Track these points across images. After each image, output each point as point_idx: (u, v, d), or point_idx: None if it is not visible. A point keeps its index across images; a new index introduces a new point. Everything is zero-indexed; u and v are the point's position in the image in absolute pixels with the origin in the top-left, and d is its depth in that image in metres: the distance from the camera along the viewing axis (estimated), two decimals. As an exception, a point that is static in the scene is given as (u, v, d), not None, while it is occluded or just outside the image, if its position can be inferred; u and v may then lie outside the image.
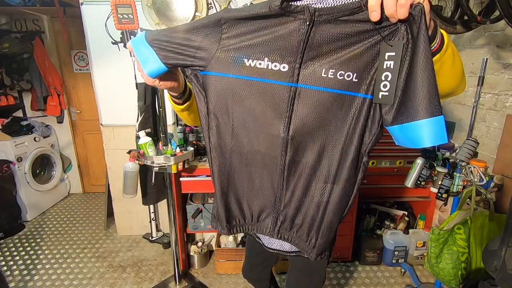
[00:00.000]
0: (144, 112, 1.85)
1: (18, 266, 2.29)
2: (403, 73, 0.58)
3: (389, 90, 0.60)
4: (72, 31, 3.05)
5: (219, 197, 0.84)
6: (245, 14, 0.64)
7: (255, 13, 0.63)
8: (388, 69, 0.59)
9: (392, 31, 0.59)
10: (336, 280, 2.12)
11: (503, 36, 1.72)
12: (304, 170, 0.76)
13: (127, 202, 2.54)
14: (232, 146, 0.77)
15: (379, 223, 2.35)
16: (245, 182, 0.82)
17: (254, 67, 0.68)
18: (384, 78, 0.60)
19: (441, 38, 0.60)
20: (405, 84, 0.59)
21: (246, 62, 0.68)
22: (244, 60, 0.68)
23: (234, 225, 0.88)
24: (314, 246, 0.84)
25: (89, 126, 3.37)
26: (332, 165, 0.74)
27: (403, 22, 0.56)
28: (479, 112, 1.87)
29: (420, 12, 0.53)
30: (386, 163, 2.19)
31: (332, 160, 0.74)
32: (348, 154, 0.72)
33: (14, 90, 3.13)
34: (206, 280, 2.13)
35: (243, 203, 0.85)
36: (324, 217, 0.79)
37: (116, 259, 2.38)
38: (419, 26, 0.54)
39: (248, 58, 0.67)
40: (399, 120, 0.61)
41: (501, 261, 1.10)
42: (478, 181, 1.47)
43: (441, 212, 2.22)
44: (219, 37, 0.68)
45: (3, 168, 2.66)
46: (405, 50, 0.57)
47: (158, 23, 2.05)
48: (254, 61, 0.67)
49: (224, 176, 0.82)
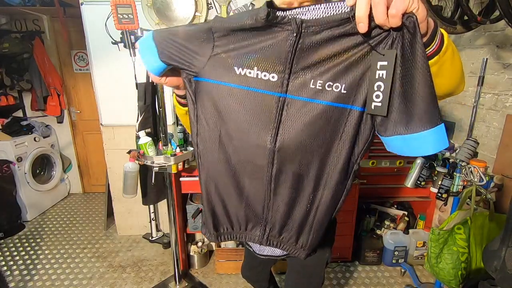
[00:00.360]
0: (144, 112, 1.85)
1: (18, 266, 2.29)
2: (396, 83, 0.57)
3: (382, 100, 0.58)
4: (72, 31, 3.05)
5: (206, 204, 0.83)
6: (234, 25, 0.64)
7: (242, 24, 0.63)
8: (380, 79, 0.58)
9: (383, 39, 0.57)
10: (336, 280, 2.12)
11: (503, 36, 1.72)
12: (292, 181, 0.74)
13: (127, 202, 2.54)
14: (219, 154, 0.76)
15: (379, 223, 2.35)
16: (232, 191, 0.80)
17: (244, 76, 0.67)
18: (377, 88, 0.59)
19: (440, 38, 0.59)
20: (402, 94, 0.57)
21: (236, 70, 0.67)
22: (235, 68, 0.67)
23: (221, 232, 0.86)
24: (304, 248, 0.84)
25: (89, 126, 3.37)
26: (321, 175, 0.73)
27: (395, 30, 0.55)
28: (479, 112, 1.87)
29: (413, 24, 0.52)
30: (386, 163, 2.19)
31: (321, 171, 0.73)
32: (337, 165, 0.71)
33: (14, 90, 3.13)
34: (206, 280, 2.13)
35: (230, 211, 0.83)
36: (314, 223, 0.79)
37: (116, 259, 2.38)
38: (414, 35, 0.53)
39: (238, 66, 0.67)
40: (399, 131, 0.60)
41: (501, 261, 1.10)
42: (478, 181, 1.47)
43: (441, 212, 2.22)
44: (212, 45, 0.68)
45: (3, 168, 2.66)
46: (399, 59, 0.56)
47: (158, 23, 2.05)
48: (245, 69, 0.67)
49: (211, 183, 0.81)
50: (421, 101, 0.56)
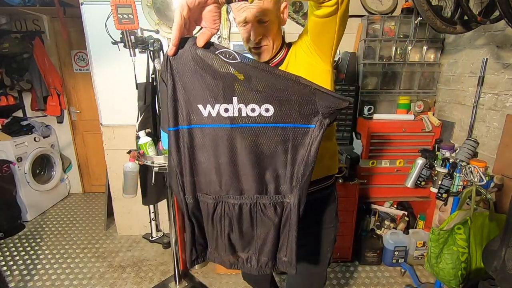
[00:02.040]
0: (144, 112, 1.85)
1: (18, 266, 2.29)
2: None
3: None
4: (72, 31, 3.06)
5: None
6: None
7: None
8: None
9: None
10: (336, 280, 2.12)
11: (503, 36, 1.72)
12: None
13: (127, 202, 2.54)
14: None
15: (379, 223, 2.35)
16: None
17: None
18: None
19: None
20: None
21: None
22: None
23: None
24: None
25: (89, 126, 3.37)
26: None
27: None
28: (479, 112, 1.87)
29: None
30: (386, 163, 2.19)
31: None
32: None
33: (14, 90, 3.13)
34: (206, 280, 2.13)
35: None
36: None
37: (116, 259, 2.38)
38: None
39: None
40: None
41: (501, 261, 1.10)
42: (478, 181, 1.47)
43: (441, 212, 2.22)
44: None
45: (3, 168, 2.66)
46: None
47: (158, 23, 2.05)
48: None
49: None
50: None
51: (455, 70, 2.10)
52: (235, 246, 0.78)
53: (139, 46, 1.58)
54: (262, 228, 0.75)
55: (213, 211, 0.74)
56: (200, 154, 0.71)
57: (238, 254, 0.80)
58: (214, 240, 0.79)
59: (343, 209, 2.08)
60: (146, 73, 1.82)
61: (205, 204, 0.75)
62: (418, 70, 2.23)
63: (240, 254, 0.80)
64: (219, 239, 0.77)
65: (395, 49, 2.18)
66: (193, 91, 0.67)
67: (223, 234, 0.76)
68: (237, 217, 0.74)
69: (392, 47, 2.18)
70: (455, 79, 2.11)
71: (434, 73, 2.24)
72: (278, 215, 0.75)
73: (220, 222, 0.75)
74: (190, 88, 0.67)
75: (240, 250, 0.79)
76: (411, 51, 2.19)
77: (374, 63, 2.20)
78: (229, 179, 0.72)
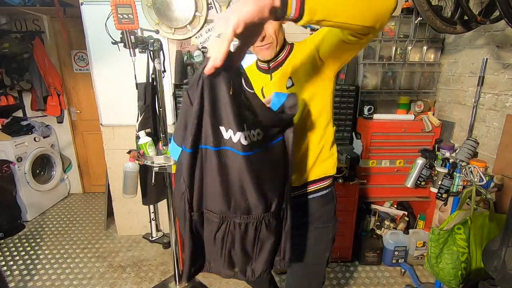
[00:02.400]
0: (144, 112, 1.85)
1: (18, 266, 2.29)
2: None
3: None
4: (72, 31, 3.06)
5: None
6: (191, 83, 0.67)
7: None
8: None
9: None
10: (336, 280, 2.12)
11: (503, 36, 1.72)
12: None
13: (127, 202, 2.54)
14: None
15: (379, 223, 2.36)
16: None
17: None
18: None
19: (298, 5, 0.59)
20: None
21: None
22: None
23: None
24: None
25: (89, 126, 3.37)
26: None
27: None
28: (479, 112, 1.87)
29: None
30: (386, 163, 2.19)
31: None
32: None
33: (14, 90, 3.13)
34: (206, 280, 2.13)
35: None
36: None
37: (116, 259, 2.38)
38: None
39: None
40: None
41: (501, 261, 1.10)
42: (478, 181, 1.47)
43: (441, 212, 2.22)
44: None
45: (3, 168, 2.66)
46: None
47: (158, 23, 2.06)
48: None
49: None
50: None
51: (455, 70, 2.10)
52: (234, 262, 0.78)
53: (139, 46, 1.58)
54: (264, 241, 0.76)
55: (217, 229, 0.74)
56: (212, 175, 0.69)
57: (236, 271, 0.80)
58: (213, 255, 0.79)
59: (343, 209, 2.09)
60: (146, 73, 1.82)
61: (210, 222, 0.74)
62: (418, 70, 2.23)
63: (238, 269, 0.80)
64: (220, 255, 0.77)
65: (395, 49, 2.18)
66: (217, 111, 0.65)
67: (224, 251, 0.76)
68: (242, 235, 0.74)
69: (392, 47, 2.18)
70: (455, 79, 2.11)
71: (434, 73, 2.24)
72: (281, 225, 0.78)
73: (223, 239, 0.75)
74: (215, 109, 0.65)
75: (238, 266, 0.79)
76: (411, 51, 2.19)
77: (374, 63, 2.20)
78: (237, 201, 0.71)
